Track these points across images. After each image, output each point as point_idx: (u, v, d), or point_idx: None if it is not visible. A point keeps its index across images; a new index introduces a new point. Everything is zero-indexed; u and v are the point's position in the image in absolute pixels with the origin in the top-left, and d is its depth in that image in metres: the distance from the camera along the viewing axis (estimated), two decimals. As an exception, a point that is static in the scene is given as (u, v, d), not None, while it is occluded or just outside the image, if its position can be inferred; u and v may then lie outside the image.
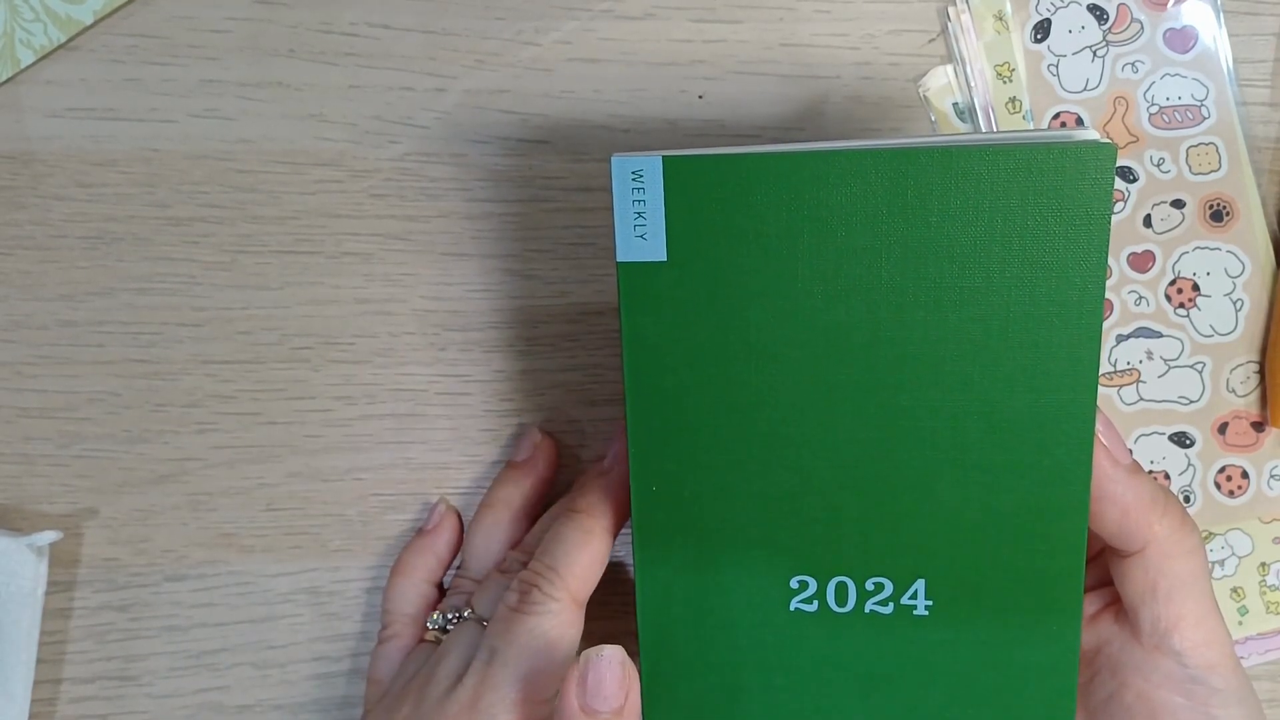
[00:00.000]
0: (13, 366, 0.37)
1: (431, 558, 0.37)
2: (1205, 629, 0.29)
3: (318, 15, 0.36)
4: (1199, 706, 0.29)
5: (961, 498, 0.27)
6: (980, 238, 0.25)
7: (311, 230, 0.37)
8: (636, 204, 0.26)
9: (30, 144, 0.36)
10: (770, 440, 0.27)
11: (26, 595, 0.35)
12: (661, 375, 0.27)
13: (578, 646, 0.31)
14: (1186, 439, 0.38)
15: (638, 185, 0.26)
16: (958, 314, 0.26)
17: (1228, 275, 0.37)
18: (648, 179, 0.26)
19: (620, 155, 0.26)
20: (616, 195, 0.26)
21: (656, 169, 0.26)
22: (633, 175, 0.26)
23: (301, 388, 0.37)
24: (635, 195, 0.26)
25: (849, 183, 0.25)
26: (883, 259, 0.26)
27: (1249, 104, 0.37)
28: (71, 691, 0.38)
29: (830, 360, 0.27)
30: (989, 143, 0.25)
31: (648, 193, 0.26)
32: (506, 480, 0.37)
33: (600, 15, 0.36)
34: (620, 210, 0.26)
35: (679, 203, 0.26)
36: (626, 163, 0.26)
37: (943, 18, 0.36)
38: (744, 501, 0.28)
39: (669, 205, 0.26)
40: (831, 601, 0.28)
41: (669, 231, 0.26)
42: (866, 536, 0.28)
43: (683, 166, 0.26)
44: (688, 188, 0.26)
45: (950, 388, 0.27)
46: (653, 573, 0.29)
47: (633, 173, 0.26)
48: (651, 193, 0.26)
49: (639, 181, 0.26)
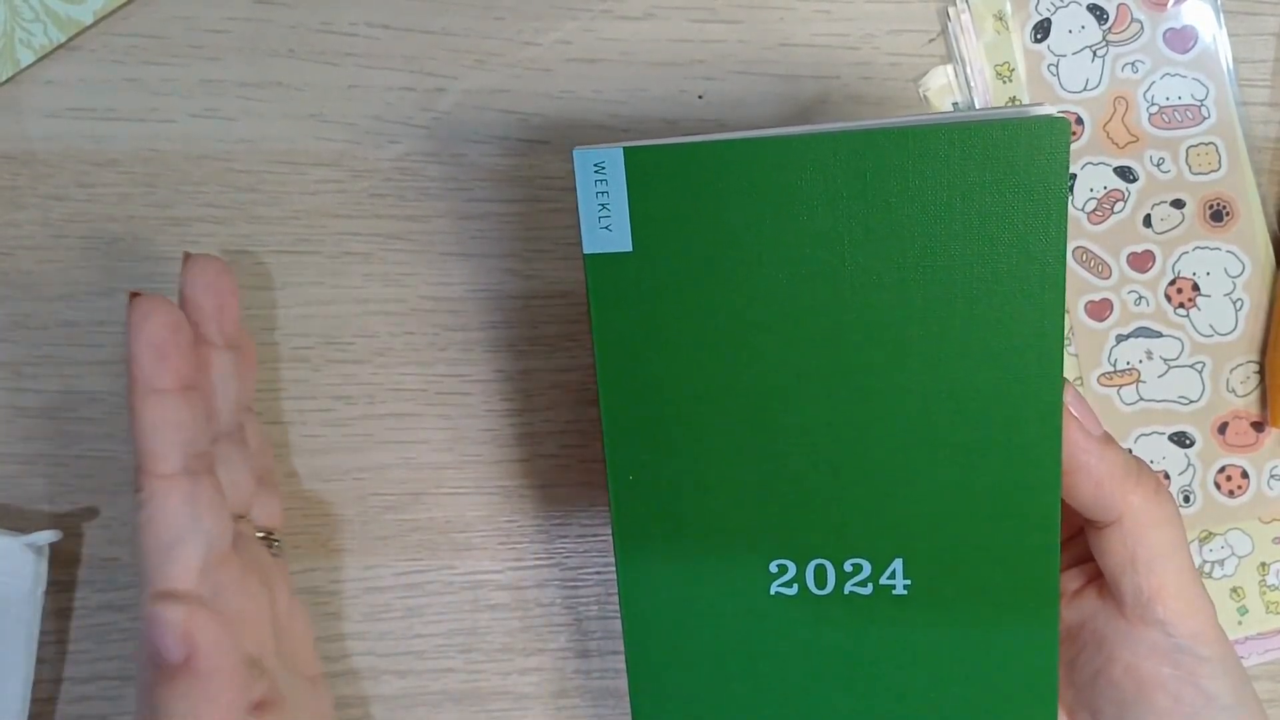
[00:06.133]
0: (13, 366, 0.37)
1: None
2: (1187, 597, 0.29)
3: (318, 15, 0.36)
4: (1187, 676, 0.29)
5: (934, 476, 0.27)
6: (941, 216, 0.26)
7: (311, 230, 0.37)
8: (600, 196, 0.26)
9: (30, 144, 0.36)
10: (743, 426, 0.28)
11: (26, 595, 0.35)
12: (633, 365, 0.27)
13: (205, 522, 0.29)
14: (1186, 439, 0.38)
15: (600, 177, 0.26)
16: (922, 294, 0.26)
17: (1228, 275, 0.37)
18: (610, 171, 0.26)
19: (582, 148, 0.26)
20: (580, 188, 0.26)
21: (618, 160, 0.26)
22: (595, 167, 0.26)
23: (301, 388, 0.37)
24: (599, 187, 0.26)
25: (808, 167, 0.26)
26: (845, 241, 0.26)
27: (1249, 104, 0.37)
28: (71, 691, 0.38)
29: (798, 344, 0.27)
30: (945, 121, 0.25)
31: (610, 184, 0.26)
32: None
33: (600, 15, 0.36)
34: (584, 202, 0.26)
35: (642, 193, 0.26)
36: (588, 155, 0.26)
37: (943, 18, 0.36)
38: (720, 487, 0.28)
39: (632, 196, 0.26)
40: (811, 584, 0.29)
41: (633, 222, 0.26)
42: (843, 518, 0.28)
43: (644, 157, 0.26)
44: (650, 178, 0.26)
45: (918, 367, 0.27)
46: (634, 563, 0.29)
47: (595, 165, 0.26)
48: (614, 184, 0.26)
49: (601, 173, 0.26)
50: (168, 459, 0.29)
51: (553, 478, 0.38)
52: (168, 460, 0.29)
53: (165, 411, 0.29)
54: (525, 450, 0.38)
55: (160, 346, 0.29)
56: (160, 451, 0.29)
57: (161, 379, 0.29)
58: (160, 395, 0.29)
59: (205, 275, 0.32)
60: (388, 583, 0.38)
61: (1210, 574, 0.38)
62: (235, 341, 0.33)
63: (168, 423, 0.29)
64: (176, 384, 0.29)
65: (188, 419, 0.30)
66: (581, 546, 0.38)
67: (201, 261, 0.32)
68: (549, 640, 0.39)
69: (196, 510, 0.29)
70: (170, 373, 0.29)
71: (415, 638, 0.38)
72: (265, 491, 0.34)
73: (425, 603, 0.38)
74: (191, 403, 0.30)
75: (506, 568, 0.38)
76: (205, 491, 0.30)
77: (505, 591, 0.38)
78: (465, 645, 0.39)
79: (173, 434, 0.29)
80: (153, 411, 0.29)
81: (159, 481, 0.29)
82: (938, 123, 0.25)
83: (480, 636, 0.39)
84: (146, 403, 0.29)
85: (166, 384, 0.29)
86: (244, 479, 0.33)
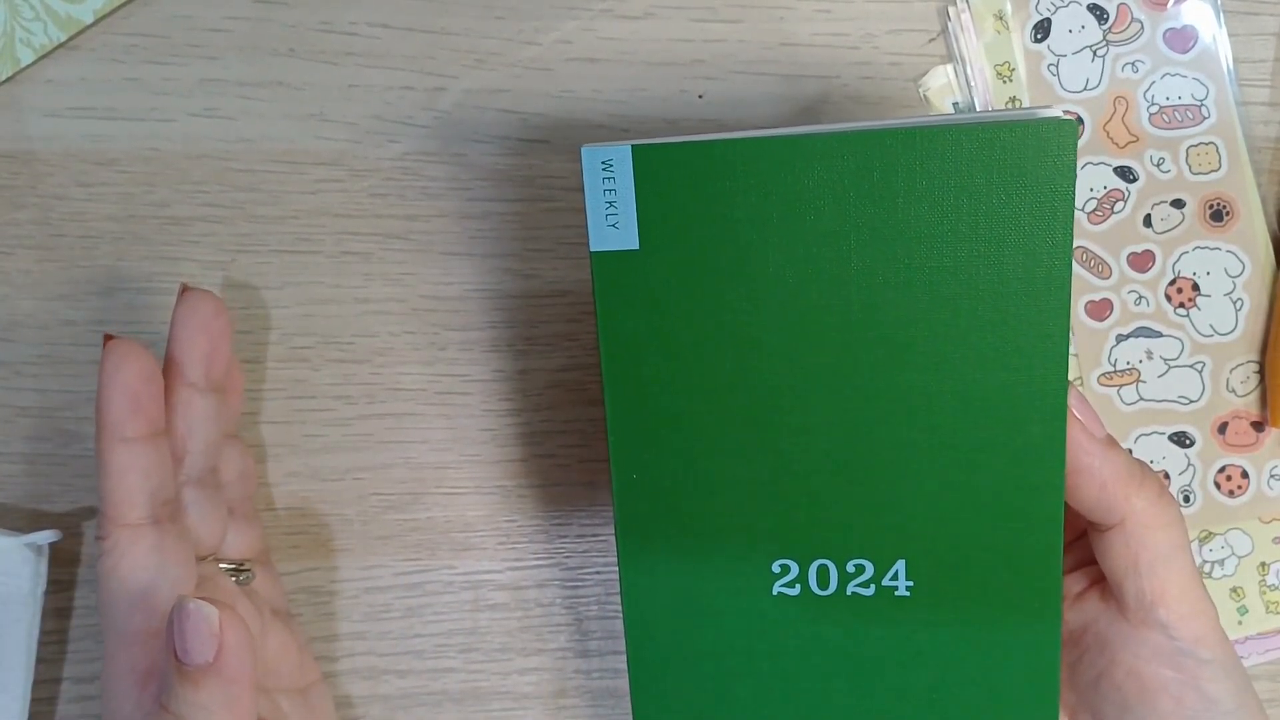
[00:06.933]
0: (13, 366, 0.37)
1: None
2: (1190, 600, 0.29)
3: (318, 15, 0.36)
4: (1189, 679, 0.29)
5: (938, 477, 0.27)
6: (947, 217, 0.26)
7: (311, 230, 0.37)
8: (608, 193, 0.26)
9: (30, 144, 0.36)
10: (747, 425, 0.28)
11: (26, 595, 0.35)
12: (638, 363, 0.27)
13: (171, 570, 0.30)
14: (1186, 439, 0.38)
15: (608, 175, 0.26)
16: (928, 294, 0.26)
17: (1228, 275, 0.37)
18: (618, 168, 0.26)
19: (590, 145, 0.26)
20: (587, 185, 0.26)
21: (626, 158, 0.26)
22: (603, 165, 0.26)
23: (301, 387, 0.37)
24: (606, 185, 0.26)
25: (816, 166, 0.26)
26: (852, 242, 0.26)
27: (1249, 104, 0.37)
28: (71, 691, 0.38)
29: (803, 344, 0.27)
30: (952, 122, 0.25)
31: (618, 182, 0.26)
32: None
33: (600, 15, 0.36)
34: (591, 200, 0.26)
35: (649, 191, 0.26)
36: (596, 152, 0.26)
37: (943, 18, 0.36)
38: (724, 487, 0.28)
39: (639, 194, 0.26)
40: (813, 584, 0.29)
41: (640, 220, 0.26)
42: (846, 518, 0.28)
43: (652, 155, 0.26)
44: (658, 176, 0.26)
45: (923, 368, 0.27)
46: (636, 562, 0.29)
47: (603, 162, 0.26)
48: (622, 182, 0.26)
49: (609, 171, 0.26)
50: (134, 507, 0.29)
51: (552, 477, 0.38)
52: (134, 509, 0.29)
53: (133, 459, 0.29)
54: (525, 450, 0.38)
55: (133, 396, 0.29)
56: (127, 500, 0.29)
57: (131, 428, 0.29)
58: (128, 443, 0.29)
59: (199, 316, 0.32)
60: (388, 583, 0.38)
61: (1210, 574, 0.38)
62: (220, 385, 0.33)
63: (135, 470, 0.29)
64: (146, 432, 0.30)
65: (155, 467, 0.30)
66: (581, 546, 0.38)
67: (196, 299, 0.32)
68: (549, 640, 0.39)
69: (162, 559, 0.29)
70: (141, 422, 0.29)
71: (415, 638, 0.38)
72: (240, 523, 0.34)
73: (425, 603, 0.38)
74: (160, 449, 0.30)
75: (506, 568, 0.38)
76: (170, 540, 0.30)
77: (505, 591, 0.38)
78: (465, 645, 0.39)
79: (140, 481, 0.29)
80: (120, 459, 0.29)
81: (124, 530, 0.29)
82: (945, 123, 0.25)
83: (480, 636, 0.39)
84: (114, 450, 0.29)
85: (136, 432, 0.29)
86: (213, 519, 0.32)
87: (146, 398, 0.30)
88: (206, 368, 0.32)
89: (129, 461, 0.29)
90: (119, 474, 0.29)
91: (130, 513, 0.29)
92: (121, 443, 0.29)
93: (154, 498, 0.30)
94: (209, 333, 0.32)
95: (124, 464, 0.29)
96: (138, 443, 0.29)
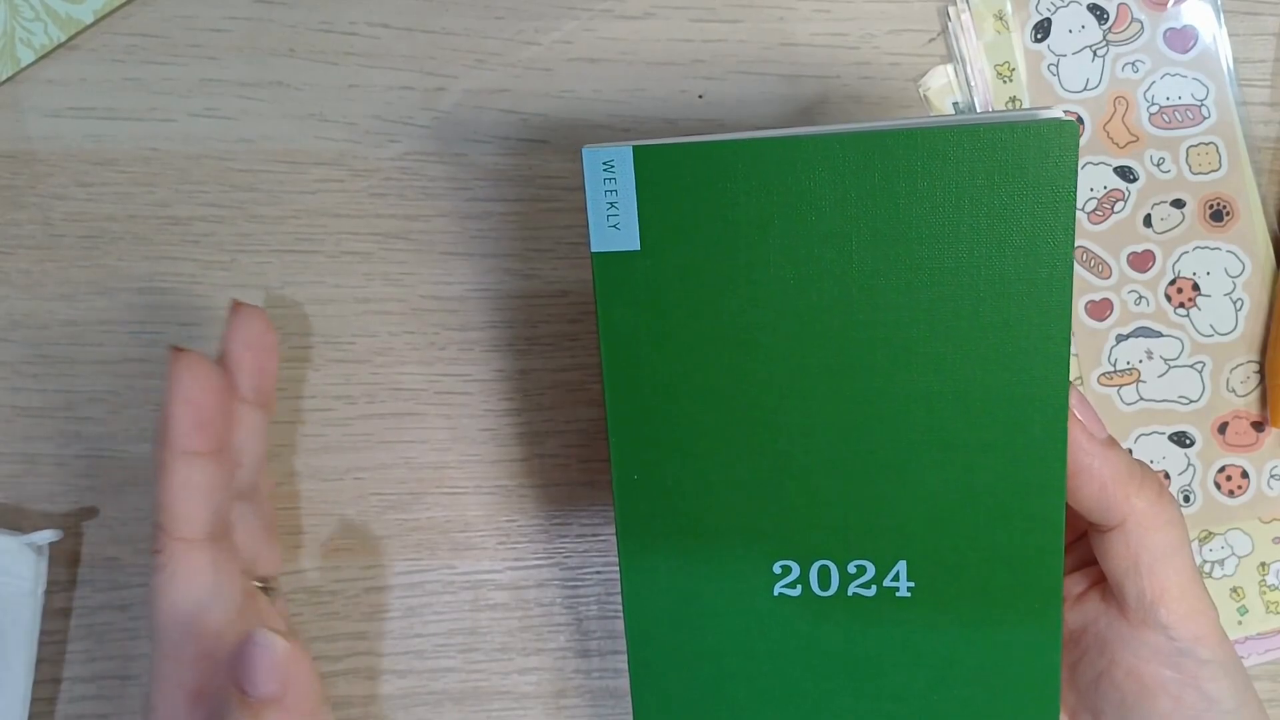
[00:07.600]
0: (13, 366, 0.37)
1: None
2: (1190, 600, 0.29)
3: (318, 15, 0.36)
4: (1188, 680, 0.29)
5: (939, 478, 0.27)
6: (948, 218, 0.26)
7: (311, 229, 0.37)
8: (609, 194, 0.26)
9: (30, 144, 0.36)
10: (748, 425, 0.28)
11: (26, 595, 0.35)
12: (639, 364, 0.27)
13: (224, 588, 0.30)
14: (1186, 439, 0.38)
15: (609, 175, 0.26)
16: (929, 295, 0.26)
17: (1228, 275, 0.37)
18: (619, 169, 0.26)
19: (591, 146, 0.26)
20: (589, 186, 0.26)
21: (627, 159, 0.26)
22: (604, 166, 0.26)
23: (301, 387, 0.37)
24: (607, 185, 0.26)
25: (817, 167, 0.26)
26: (853, 242, 0.26)
27: (1249, 104, 0.37)
28: (71, 691, 0.38)
29: (805, 345, 0.27)
30: (953, 123, 0.25)
31: (619, 183, 0.26)
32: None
33: (600, 15, 0.36)
34: (593, 201, 0.26)
35: (650, 192, 0.26)
36: (597, 153, 0.26)
37: (943, 17, 0.36)
38: (725, 487, 0.28)
39: (641, 194, 0.26)
40: (814, 585, 0.29)
41: (642, 221, 0.26)
42: (847, 519, 0.28)
43: (653, 156, 0.26)
44: (659, 177, 0.26)
45: (924, 368, 0.27)
46: (637, 562, 0.29)
47: (604, 163, 0.26)
48: (623, 183, 0.26)
49: (610, 172, 0.26)
50: (192, 522, 0.29)
51: (553, 477, 0.38)
52: (192, 524, 0.29)
53: (195, 474, 0.29)
54: (525, 450, 0.38)
55: (200, 410, 0.29)
56: (186, 515, 0.29)
57: (197, 441, 0.29)
58: (191, 458, 0.29)
59: (250, 331, 0.32)
60: (388, 582, 0.38)
61: (1210, 574, 0.38)
62: (267, 400, 0.33)
63: (198, 486, 0.29)
64: (211, 447, 0.29)
65: (216, 483, 0.29)
66: (581, 546, 0.38)
67: (248, 315, 0.32)
68: (549, 640, 0.39)
69: (217, 577, 0.29)
70: (208, 437, 0.29)
71: (415, 637, 0.38)
72: (270, 541, 0.34)
73: (425, 602, 0.38)
74: (223, 465, 0.30)
75: (506, 567, 0.38)
76: (223, 557, 0.30)
77: (505, 591, 0.38)
78: (465, 645, 0.39)
79: (201, 497, 0.29)
80: (183, 473, 0.29)
81: (181, 545, 0.29)
82: (947, 124, 0.25)
83: (480, 636, 0.39)
84: (177, 463, 0.29)
85: (202, 447, 0.29)
86: (256, 535, 0.33)
87: (214, 412, 0.29)
88: (257, 382, 0.32)
89: (192, 476, 0.29)
90: (180, 488, 0.29)
91: (188, 528, 0.29)
92: (185, 456, 0.29)
93: (214, 514, 0.29)
94: (259, 348, 0.32)
95: (186, 478, 0.29)
96: (201, 458, 0.29)
